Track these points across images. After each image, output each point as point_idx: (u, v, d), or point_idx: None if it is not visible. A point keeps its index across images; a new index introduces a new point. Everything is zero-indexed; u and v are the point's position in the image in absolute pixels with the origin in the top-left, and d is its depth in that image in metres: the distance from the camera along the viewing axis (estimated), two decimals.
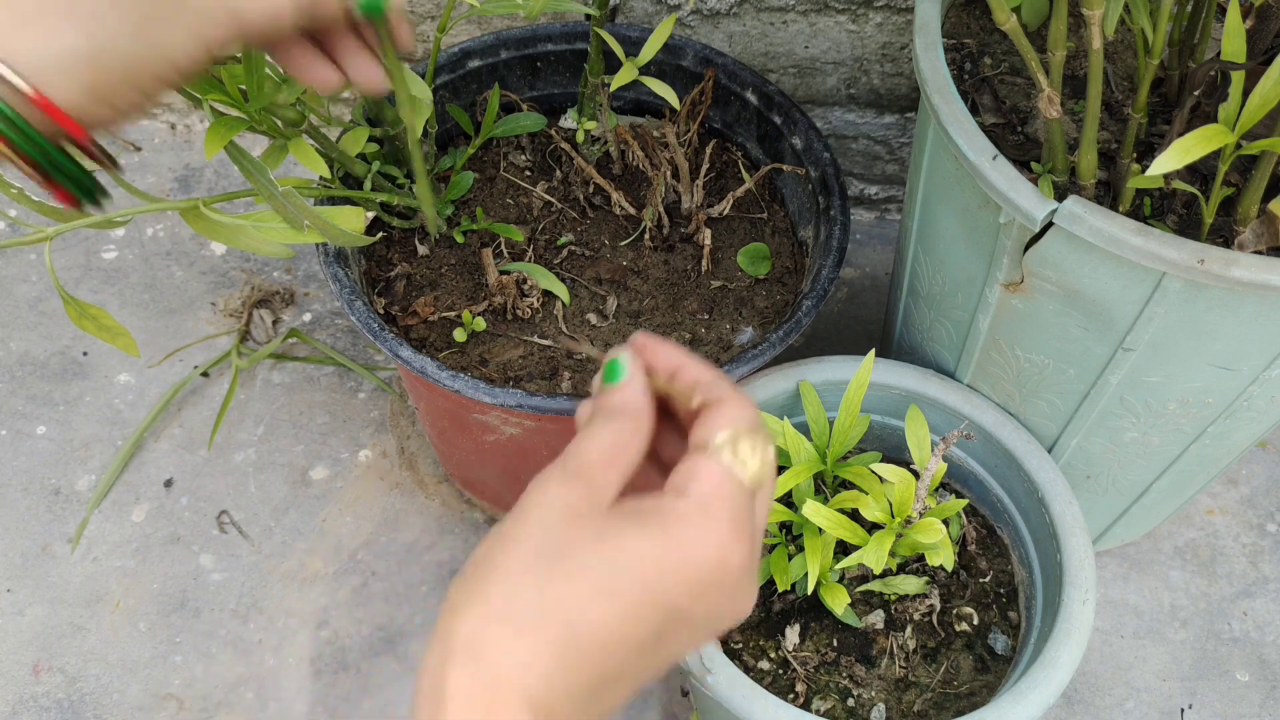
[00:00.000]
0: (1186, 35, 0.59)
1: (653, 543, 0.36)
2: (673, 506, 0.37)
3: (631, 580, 0.35)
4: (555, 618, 0.34)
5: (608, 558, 0.36)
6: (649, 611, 0.36)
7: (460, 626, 0.34)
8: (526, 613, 0.34)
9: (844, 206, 0.69)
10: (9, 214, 1.02)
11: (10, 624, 0.82)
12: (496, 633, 0.34)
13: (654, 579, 0.36)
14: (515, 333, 0.70)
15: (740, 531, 0.37)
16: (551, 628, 0.34)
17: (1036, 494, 0.64)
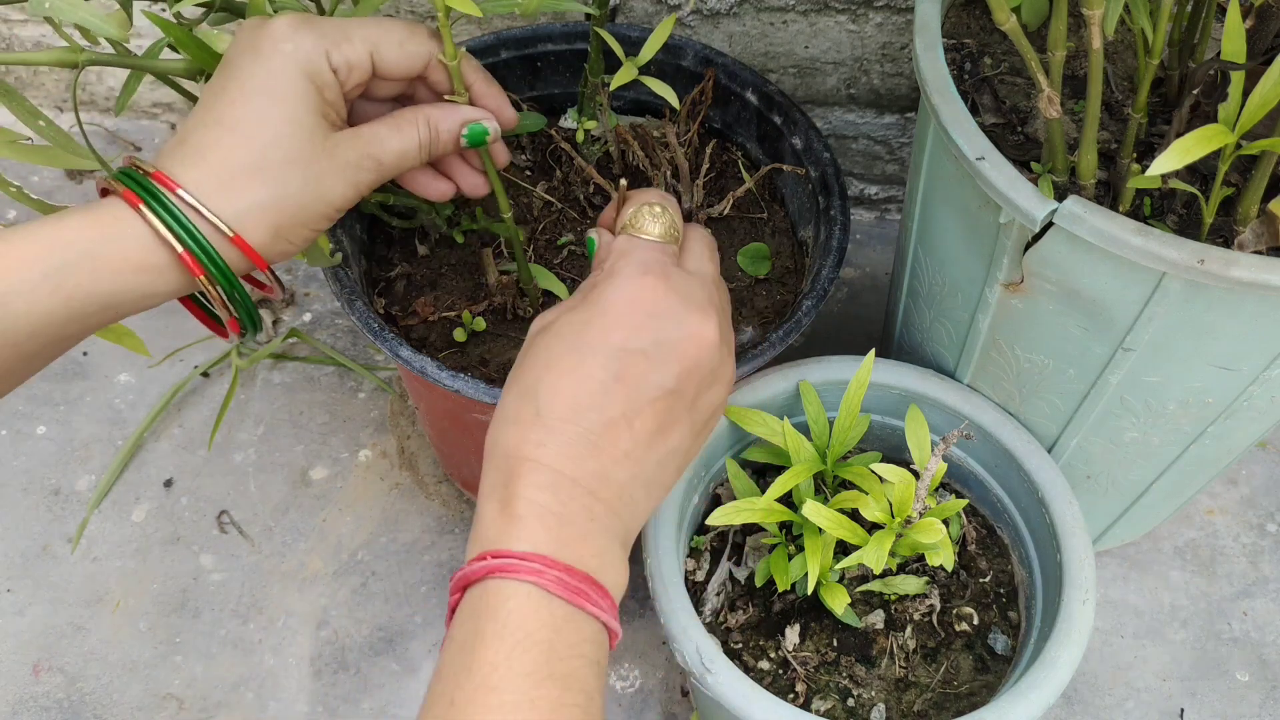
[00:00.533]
0: (1186, 35, 0.59)
1: (577, 311, 0.48)
2: (593, 281, 0.50)
3: (568, 343, 0.47)
4: (527, 402, 0.46)
5: (549, 339, 0.48)
6: (592, 358, 0.46)
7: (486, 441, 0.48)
8: (508, 407, 0.47)
9: (844, 207, 0.69)
10: (8, 216, 1.02)
11: (10, 624, 0.82)
12: (496, 434, 0.47)
13: (579, 333, 0.47)
14: (516, 333, 0.70)
15: (648, 271, 0.48)
16: (526, 409, 0.46)
17: (1036, 494, 0.64)
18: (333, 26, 0.49)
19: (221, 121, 0.47)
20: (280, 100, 0.47)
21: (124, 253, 0.45)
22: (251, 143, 0.47)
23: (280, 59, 0.47)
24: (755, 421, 0.65)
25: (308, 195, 0.48)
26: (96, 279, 0.45)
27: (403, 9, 0.92)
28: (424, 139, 0.52)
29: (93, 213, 0.46)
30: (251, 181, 0.47)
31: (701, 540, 0.68)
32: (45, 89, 1.09)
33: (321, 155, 0.48)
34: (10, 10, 1.00)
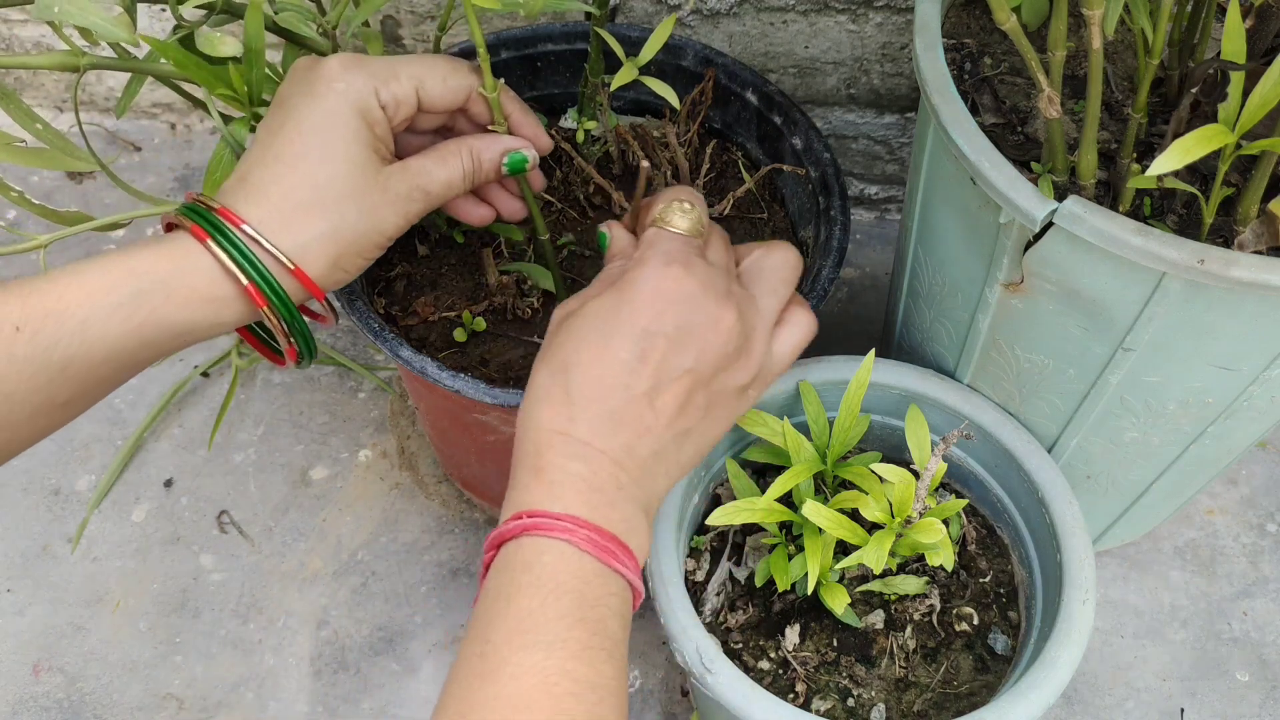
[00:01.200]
0: (1186, 35, 0.59)
1: (605, 297, 0.51)
2: (622, 269, 0.53)
3: (595, 327, 0.50)
4: (557, 380, 0.49)
5: (578, 323, 0.50)
6: (618, 340, 0.49)
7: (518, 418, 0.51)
8: (539, 386, 0.50)
9: (844, 207, 0.69)
10: (8, 216, 1.02)
11: (10, 624, 0.82)
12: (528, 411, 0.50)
13: (607, 318, 0.50)
14: (516, 333, 0.70)
15: (673, 261, 0.51)
16: (556, 388, 0.49)
17: (1036, 494, 0.64)
18: (381, 65, 0.53)
19: (280, 159, 0.50)
20: (335, 138, 0.50)
21: (192, 284, 0.48)
22: (310, 179, 0.50)
23: (334, 98, 0.50)
24: (755, 421, 0.65)
25: (363, 226, 0.51)
26: (167, 308, 0.47)
27: (403, 8, 0.92)
28: (468, 169, 0.56)
29: (163, 246, 0.48)
30: (310, 216, 0.50)
31: (701, 540, 0.68)
32: (45, 89, 1.09)
33: (374, 189, 0.51)
34: (10, 11, 1.00)
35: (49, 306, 0.45)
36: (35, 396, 0.45)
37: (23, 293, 0.45)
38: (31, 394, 0.45)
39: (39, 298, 0.45)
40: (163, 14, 0.97)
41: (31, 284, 0.46)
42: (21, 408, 0.45)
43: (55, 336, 0.45)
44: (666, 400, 0.50)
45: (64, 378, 0.46)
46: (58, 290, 0.45)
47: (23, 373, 0.44)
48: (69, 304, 0.45)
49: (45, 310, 0.45)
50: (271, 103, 0.53)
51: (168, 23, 0.97)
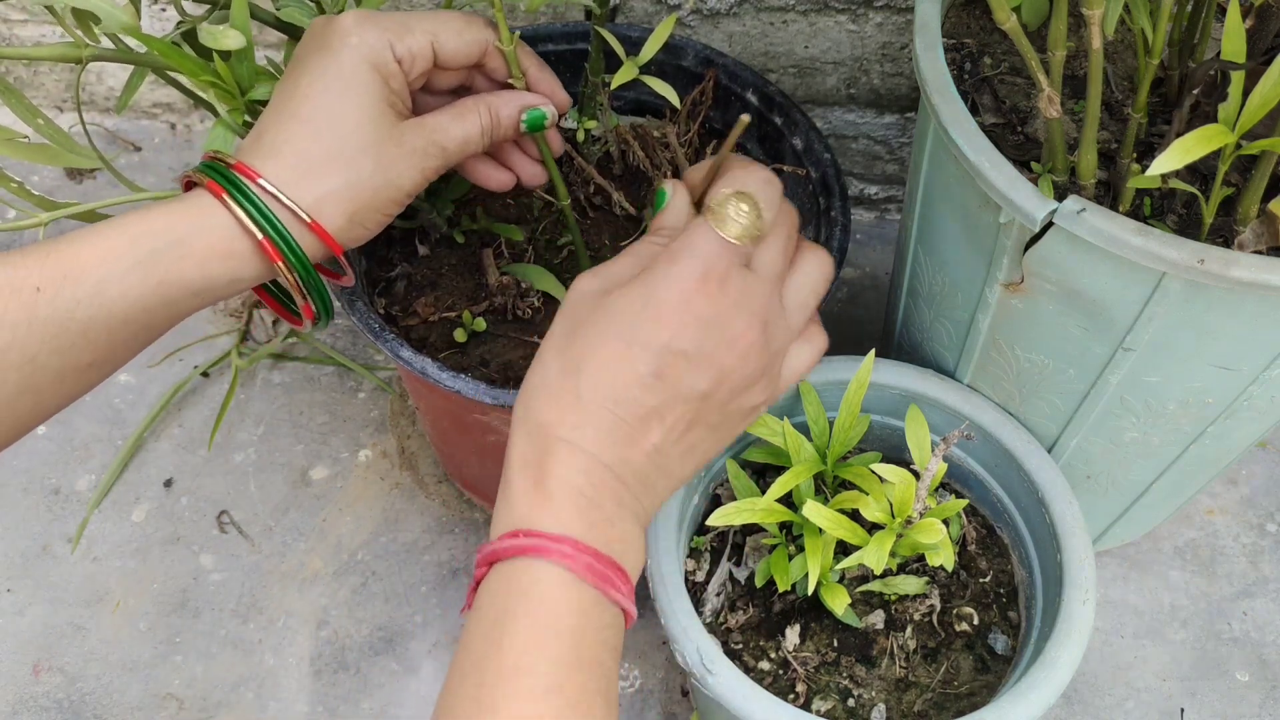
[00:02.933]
0: (1186, 35, 0.59)
1: (631, 294, 0.47)
2: (655, 256, 0.49)
3: (617, 329, 0.47)
4: (569, 380, 0.47)
5: (600, 317, 0.47)
6: (639, 351, 0.46)
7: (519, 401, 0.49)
8: (549, 379, 0.47)
9: (845, 207, 0.69)
10: (8, 216, 1.02)
11: (10, 624, 0.82)
12: (532, 403, 0.48)
13: (630, 322, 0.47)
14: (516, 333, 0.70)
15: (709, 275, 0.47)
16: (567, 389, 0.47)
17: (1037, 494, 0.64)
18: (394, 20, 0.52)
19: (296, 115, 0.49)
20: (350, 92, 0.50)
21: (209, 241, 0.47)
22: (325, 133, 0.49)
23: (348, 52, 0.50)
24: (755, 422, 0.65)
25: (379, 181, 0.51)
26: (184, 266, 0.47)
27: (403, 5, 0.92)
28: (485, 124, 0.55)
29: (180, 203, 0.48)
30: (327, 170, 0.49)
31: (701, 540, 0.68)
32: (45, 89, 1.09)
33: (390, 143, 0.51)
34: (10, 10, 1.00)
35: (66, 268, 0.45)
36: (58, 359, 0.45)
37: (41, 254, 0.45)
38: (54, 356, 0.45)
39: (56, 259, 0.45)
40: (163, 13, 0.97)
41: (50, 245, 0.45)
42: (45, 371, 0.45)
43: (75, 298, 0.45)
44: (676, 419, 0.48)
45: (85, 340, 0.46)
46: (74, 250, 0.45)
47: (45, 335, 0.44)
48: (86, 265, 0.45)
49: (64, 272, 0.44)
50: (290, 62, 0.52)
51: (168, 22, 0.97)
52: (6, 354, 0.44)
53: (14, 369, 0.44)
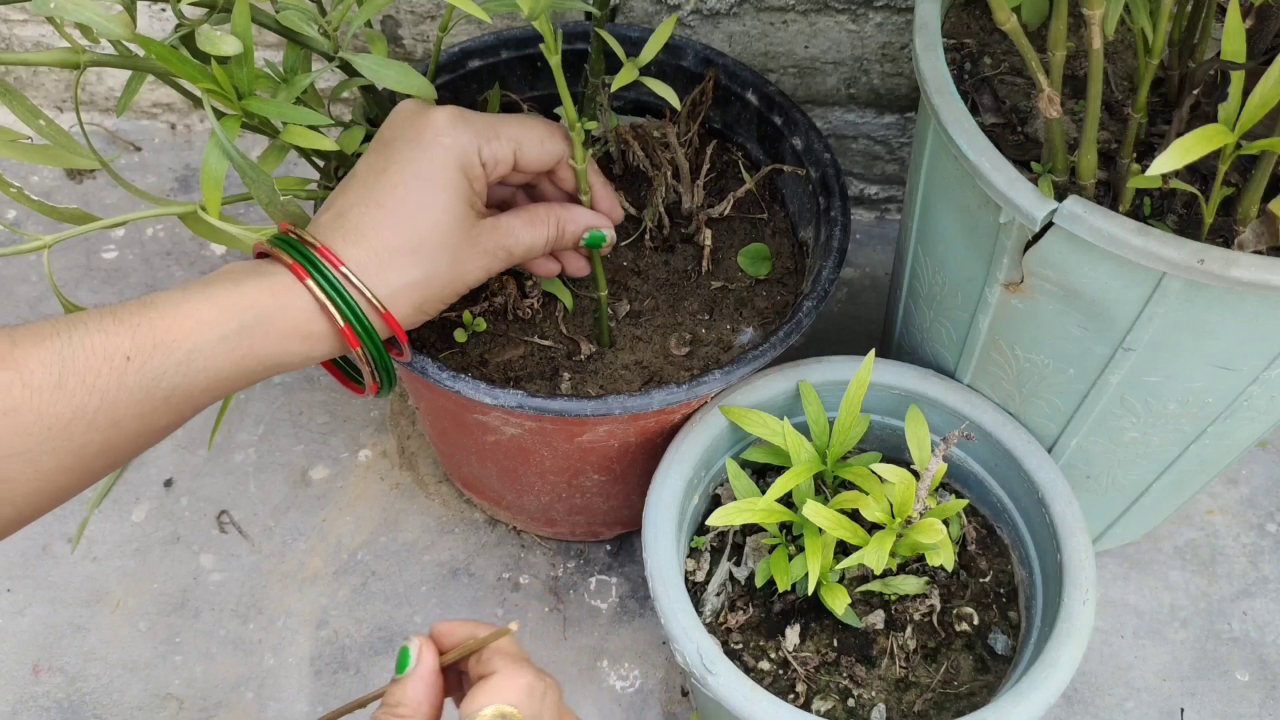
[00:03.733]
0: (1186, 35, 0.59)
1: None
2: None
3: None
4: None
5: None
6: None
7: None
8: None
9: (844, 207, 0.69)
10: (8, 216, 1.02)
11: (10, 624, 0.82)
12: None
13: None
14: (516, 333, 0.70)
15: None
16: None
17: (1037, 494, 0.64)
18: (484, 123, 0.55)
19: (383, 204, 0.52)
20: (439, 190, 0.52)
21: (291, 320, 0.49)
22: (409, 227, 0.52)
23: (440, 151, 0.53)
24: (755, 422, 0.65)
25: (451, 276, 0.53)
26: (266, 343, 0.49)
27: (403, 8, 0.92)
28: (551, 236, 0.58)
29: (264, 280, 0.50)
30: (406, 262, 0.52)
31: (701, 540, 0.68)
32: (45, 89, 1.09)
33: (466, 241, 0.54)
34: (10, 10, 1.00)
35: (158, 338, 0.46)
36: (139, 422, 0.46)
37: (134, 323, 0.46)
38: (136, 420, 0.46)
39: (149, 328, 0.46)
40: (163, 14, 0.97)
41: (142, 313, 0.46)
42: (125, 432, 0.46)
43: (162, 367, 0.46)
44: None
45: (167, 406, 0.47)
46: (165, 321, 0.46)
47: (131, 400, 0.45)
48: (176, 336, 0.46)
49: (154, 342, 0.46)
50: (373, 142, 0.55)
51: (168, 22, 0.97)
52: (95, 417, 0.44)
53: (99, 430, 0.45)
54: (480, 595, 0.83)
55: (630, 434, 0.67)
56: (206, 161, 0.52)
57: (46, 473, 0.44)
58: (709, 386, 0.63)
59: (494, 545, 0.86)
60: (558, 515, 0.80)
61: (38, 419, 0.43)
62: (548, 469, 0.72)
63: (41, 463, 0.43)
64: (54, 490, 0.45)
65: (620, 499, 0.77)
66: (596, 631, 0.82)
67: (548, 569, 0.85)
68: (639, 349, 0.70)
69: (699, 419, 0.66)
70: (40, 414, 0.43)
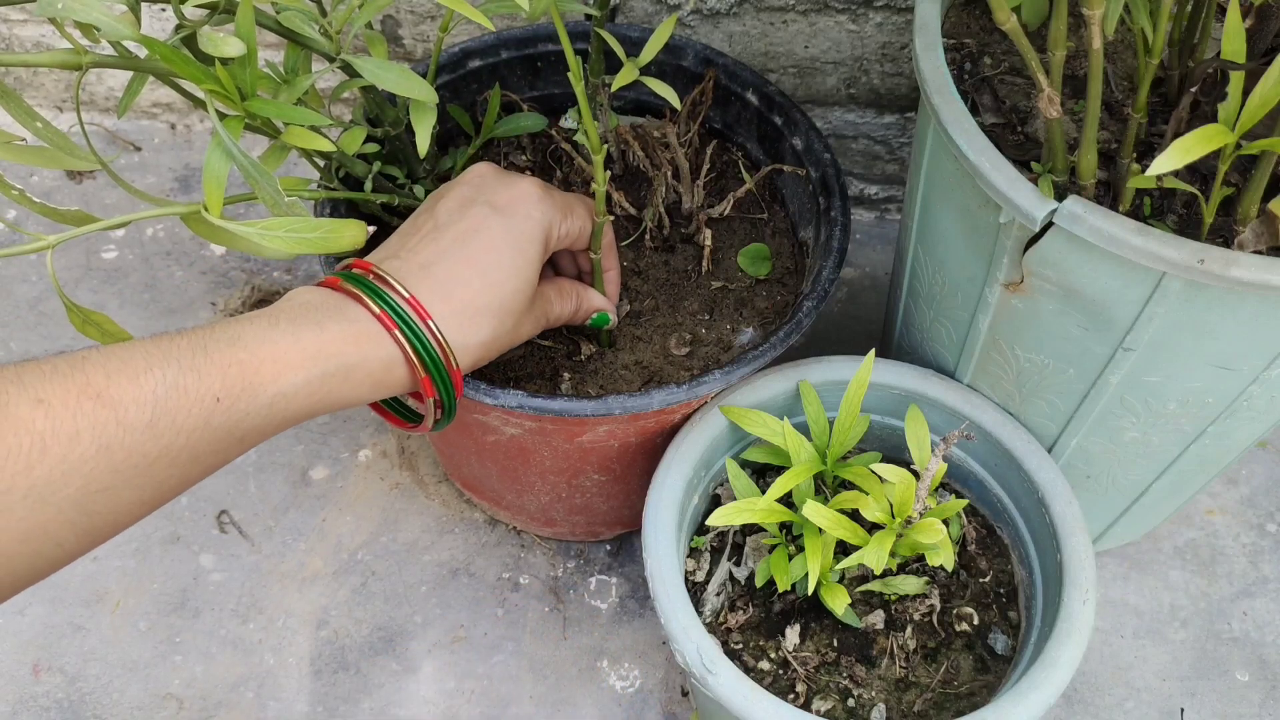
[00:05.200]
0: (1186, 35, 0.59)
1: None
2: None
3: None
4: None
5: None
6: None
7: None
8: None
9: (845, 207, 0.69)
10: (8, 216, 1.02)
11: (10, 624, 0.82)
12: None
13: None
14: None
15: None
16: None
17: (1036, 494, 0.64)
18: (563, 201, 0.59)
19: (472, 264, 0.54)
20: (525, 259, 0.56)
21: (371, 369, 0.50)
22: (496, 291, 0.55)
23: (530, 225, 0.56)
24: (755, 422, 0.65)
25: (509, 336, 0.57)
26: (344, 389, 0.50)
27: (403, 8, 0.92)
28: (571, 310, 0.63)
29: (350, 327, 0.50)
30: (483, 322, 0.54)
31: (701, 540, 0.68)
32: (45, 89, 1.09)
33: (526, 309, 0.57)
34: (10, 11, 1.00)
35: (247, 381, 0.46)
36: (215, 459, 0.47)
37: (224, 363, 0.46)
38: (213, 456, 0.47)
39: (239, 371, 0.46)
40: (164, 14, 0.97)
41: (231, 353, 0.46)
42: (201, 467, 0.47)
43: (247, 410, 0.46)
44: None
45: (242, 445, 0.47)
46: (255, 364, 0.47)
47: (213, 439, 0.46)
48: (264, 379, 0.47)
49: (244, 385, 0.46)
50: (454, 199, 0.57)
51: (169, 22, 0.97)
52: (178, 455, 0.45)
53: (179, 466, 0.45)
54: (480, 595, 0.83)
55: (630, 434, 0.67)
56: (209, 162, 0.52)
57: (124, 505, 0.44)
58: (709, 386, 0.63)
59: (494, 545, 0.86)
60: (558, 515, 0.80)
61: (128, 457, 0.43)
62: (548, 469, 0.72)
63: (121, 496, 0.43)
64: (124, 521, 0.45)
65: (620, 499, 0.77)
66: (596, 631, 0.82)
67: (548, 569, 0.85)
68: (639, 349, 0.70)
69: (699, 419, 0.66)
70: (130, 452, 0.43)
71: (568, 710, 0.79)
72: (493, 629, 0.82)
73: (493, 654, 0.81)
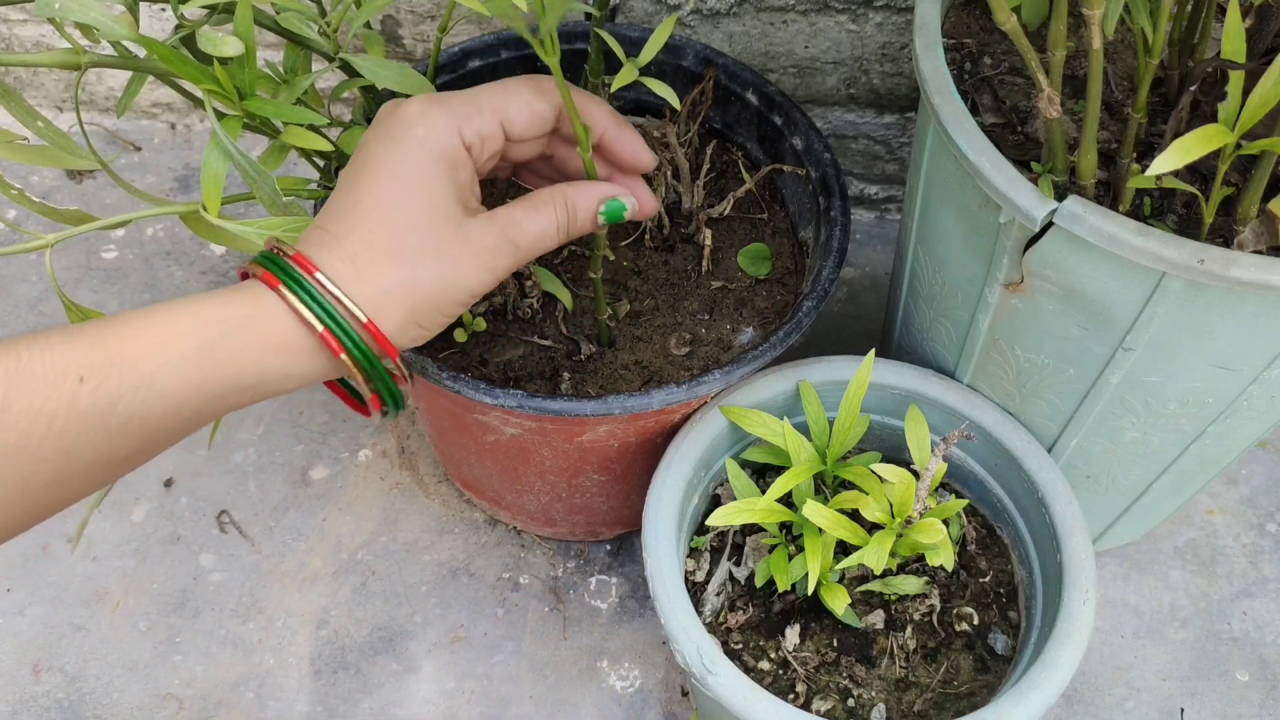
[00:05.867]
0: (1186, 35, 0.59)
1: None
2: None
3: None
4: None
5: None
6: None
7: None
8: None
9: (844, 207, 0.69)
10: (8, 215, 1.02)
11: (10, 624, 0.82)
12: None
13: None
14: (515, 333, 0.70)
15: None
16: None
17: (1036, 494, 0.64)
18: (461, 101, 0.50)
19: (358, 206, 0.48)
20: (415, 184, 0.48)
21: (265, 334, 0.45)
22: (386, 227, 0.47)
23: (414, 143, 0.48)
24: (755, 422, 0.65)
25: (443, 281, 0.48)
26: (237, 360, 0.45)
27: (403, 8, 0.92)
28: (561, 220, 0.52)
29: (233, 294, 0.46)
30: (386, 266, 0.47)
31: (701, 540, 0.68)
32: (45, 89, 1.09)
33: (456, 241, 0.48)
34: (10, 10, 1.00)
35: (113, 357, 0.42)
36: (93, 452, 0.43)
37: (89, 340, 0.42)
38: (90, 449, 0.42)
39: (102, 346, 0.42)
40: (163, 14, 0.97)
41: (99, 331, 0.43)
42: (78, 463, 0.42)
43: (119, 391, 0.42)
44: None
45: (125, 433, 0.43)
46: (121, 339, 0.42)
47: (83, 428, 0.41)
48: (133, 356, 0.42)
49: (109, 361, 0.42)
50: (356, 151, 0.50)
51: (169, 22, 0.97)
52: (39, 449, 0.40)
53: (46, 462, 0.41)
54: (480, 595, 0.83)
55: (630, 434, 0.67)
56: (207, 161, 0.52)
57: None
58: (709, 386, 0.63)
59: (494, 545, 0.86)
60: (558, 515, 0.80)
61: None
62: (548, 469, 0.72)
63: None
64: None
65: (620, 499, 0.77)
66: (596, 631, 0.82)
67: (548, 569, 0.85)
68: (639, 349, 0.70)
69: (699, 419, 0.66)
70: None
71: (568, 710, 0.79)
72: (493, 629, 0.82)
73: (493, 654, 0.81)
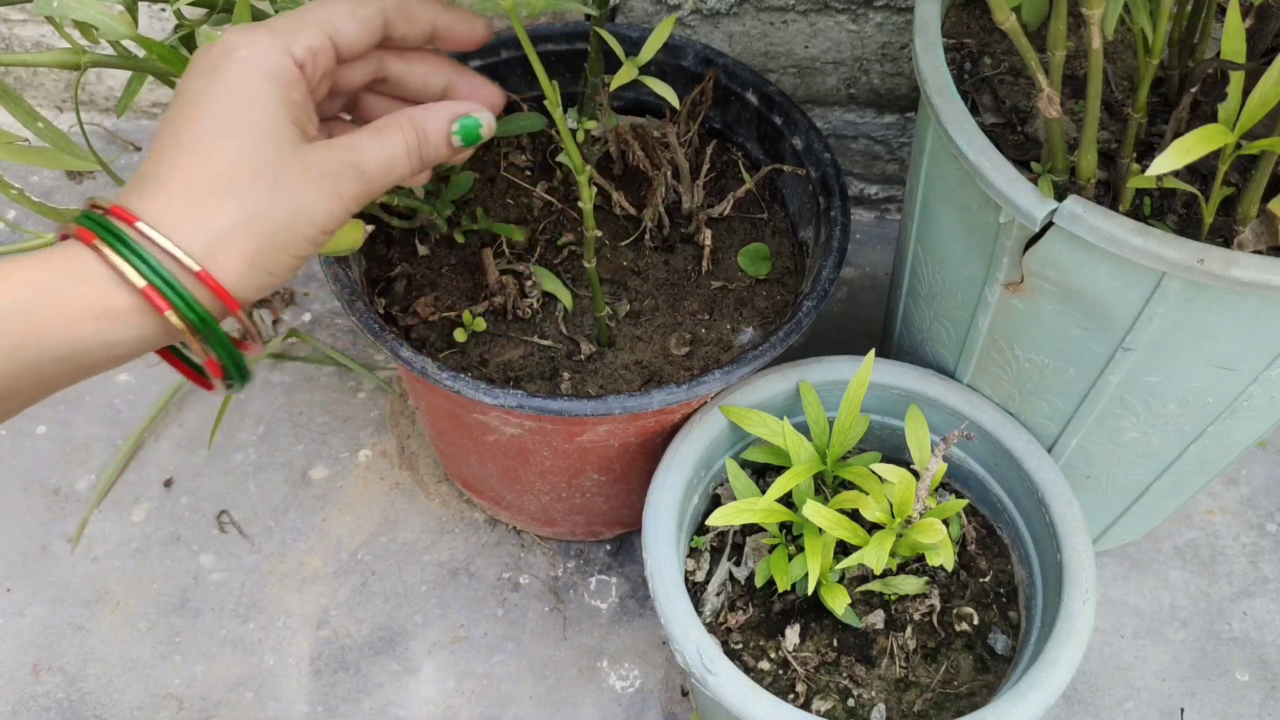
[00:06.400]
0: (1186, 35, 0.59)
1: None
2: None
3: None
4: None
5: None
6: None
7: None
8: None
9: (844, 207, 0.69)
10: (8, 215, 1.02)
11: (10, 624, 0.82)
12: None
13: None
14: (515, 333, 0.70)
15: None
16: None
17: (1036, 494, 0.64)
18: (285, 19, 0.45)
19: (180, 146, 0.42)
20: (243, 111, 0.43)
21: (80, 296, 0.40)
22: (213, 160, 0.42)
23: (236, 67, 0.43)
24: (755, 422, 0.65)
25: (283, 213, 0.43)
26: (49, 326, 0.40)
27: None
28: (411, 141, 0.47)
29: (45, 255, 0.41)
30: (218, 203, 0.41)
31: (701, 540, 0.68)
32: (45, 89, 1.09)
33: (294, 166, 0.43)
34: (10, 10, 1.00)
35: None
36: None
37: None
38: None
39: None
40: (163, 13, 0.97)
41: None
42: None
43: None
44: None
45: None
46: None
47: None
48: None
49: None
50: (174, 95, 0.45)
51: (168, 22, 0.97)
52: None
53: None
54: (480, 595, 0.83)
55: (630, 434, 0.67)
56: None
57: None
58: (709, 386, 0.63)
59: (494, 545, 0.86)
60: (558, 515, 0.80)
61: None
62: (548, 469, 0.72)
63: None
64: None
65: (620, 499, 0.77)
66: (596, 631, 0.82)
67: (548, 569, 0.85)
68: (639, 349, 0.70)
69: (699, 419, 0.66)
70: None
71: (568, 710, 0.79)
72: (493, 629, 0.82)
73: (493, 654, 0.81)
